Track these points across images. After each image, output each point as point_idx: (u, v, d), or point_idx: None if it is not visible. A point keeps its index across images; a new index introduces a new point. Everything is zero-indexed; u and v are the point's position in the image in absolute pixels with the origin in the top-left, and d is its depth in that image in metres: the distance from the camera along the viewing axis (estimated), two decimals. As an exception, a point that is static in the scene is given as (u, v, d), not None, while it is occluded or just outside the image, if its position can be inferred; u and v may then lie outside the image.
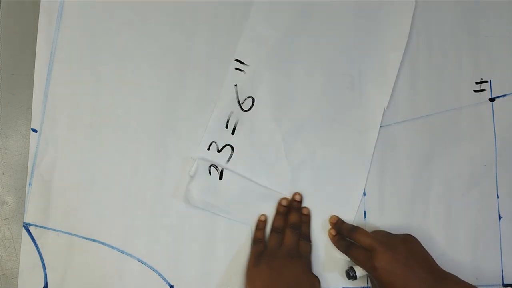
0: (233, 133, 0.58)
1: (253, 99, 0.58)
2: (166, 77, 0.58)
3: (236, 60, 0.59)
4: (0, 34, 0.58)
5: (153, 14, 0.59)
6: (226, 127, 0.58)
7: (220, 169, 0.57)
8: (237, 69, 0.59)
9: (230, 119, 0.58)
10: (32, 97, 0.56)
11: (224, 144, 0.58)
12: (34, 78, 0.56)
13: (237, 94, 0.58)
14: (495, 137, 0.61)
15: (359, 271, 0.54)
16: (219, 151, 0.57)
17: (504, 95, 0.62)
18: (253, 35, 0.59)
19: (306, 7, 0.61)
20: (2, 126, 0.57)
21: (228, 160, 0.57)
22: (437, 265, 0.51)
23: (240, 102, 0.58)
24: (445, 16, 0.63)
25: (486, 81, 0.62)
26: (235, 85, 0.58)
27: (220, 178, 0.57)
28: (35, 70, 0.56)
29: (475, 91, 0.62)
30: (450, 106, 0.61)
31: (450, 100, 0.61)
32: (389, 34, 0.61)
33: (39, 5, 0.57)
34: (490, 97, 0.62)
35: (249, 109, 0.58)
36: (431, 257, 0.51)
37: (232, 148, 0.58)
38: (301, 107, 0.59)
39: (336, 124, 0.59)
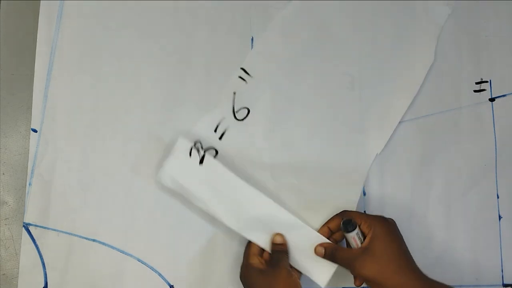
0: (220, 138, 0.57)
1: (249, 110, 0.58)
2: (166, 77, 0.58)
3: (242, 69, 0.59)
4: (0, 34, 0.58)
5: (153, 14, 0.59)
6: (215, 131, 0.58)
7: (202, 153, 0.54)
8: (240, 77, 0.59)
9: (220, 124, 0.57)
10: (32, 97, 0.56)
11: (209, 147, 0.57)
12: (34, 78, 0.56)
13: (233, 102, 0.58)
14: (495, 137, 0.61)
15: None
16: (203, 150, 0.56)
17: (504, 95, 0.62)
18: (265, 49, 0.59)
19: (323, 31, 0.60)
20: (2, 126, 0.57)
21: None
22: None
23: (235, 110, 0.58)
24: (445, 16, 0.63)
25: (486, 81, 0.62)
26: (234, 93, 0.58)
27: (201, 162, 0.54)
28: (35, 70, 0.56)
29: (475, 91, 0.62)
30: (450, 106, 0.61)
31: (450, 100, 0.61)
32: (400, 82, 0.60)
33: (39, 5, 0.57)
34: (490, 97, 0.62)
35: (242, 120, 0.58)
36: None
37: (216, 152, 0.57)
38: (296, 129, 0.58)
39: (328, 154, 0.58)
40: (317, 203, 0.57)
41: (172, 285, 0.56)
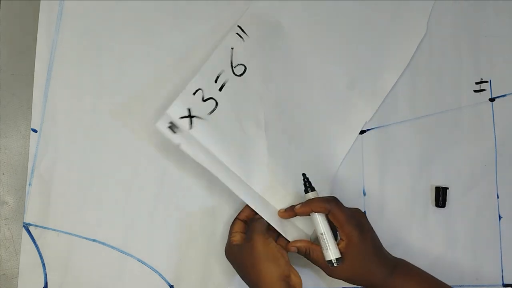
0: (220, 89, 0.56)
1: (245, 68, 0.58)
2: (166, 77, 0.58)
3: (238, 26, 0.58)
4: (0, 34, 0.58)
5: (153, 14, 0.59)
6: (216, 81, 0.56)
7: (191, 122, 0.53)
8: (237, 34, 0.58)
9: (220, 75, 0.56)
10: (32, 97, 0.56)
11: (210, 96, 0.56)
12: (34, 78, 0.56)
13: (231, 57, 0.57)
14: (495, 137, 0.61)
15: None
16: (204, 100, 0.55)
17: (504, 95, 0.62)
18: (263, 10, 0.59)
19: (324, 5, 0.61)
20: (2, 126, 0.57)
21: (211, 112, 0.55)
22: (386, 251, 0.51)
23: (233, 65, 0.57)
24: (445, 16, 0.63)
25: (486, 81, 0.62)
26: (232, 48, 0.57)
27: (190, 128, 0.53)
28: (35, 70, 0.56)
29: (475, 91, 0.62)
30: (450, 106, 0.61)
31: (450, 100, 0.61)
32: (391, 53, 0.61)
33: (39, 5, 0.57)
34: (490, 97, 0.62)
35: (240, 75, 0.57)
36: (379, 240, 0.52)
37: (217, 103, 0.56)
38: (288, 91, 0.59)
39: (320, 118, 0.59)
40: (300, 165, 0.57)
41: (172, 285, 0.56)
